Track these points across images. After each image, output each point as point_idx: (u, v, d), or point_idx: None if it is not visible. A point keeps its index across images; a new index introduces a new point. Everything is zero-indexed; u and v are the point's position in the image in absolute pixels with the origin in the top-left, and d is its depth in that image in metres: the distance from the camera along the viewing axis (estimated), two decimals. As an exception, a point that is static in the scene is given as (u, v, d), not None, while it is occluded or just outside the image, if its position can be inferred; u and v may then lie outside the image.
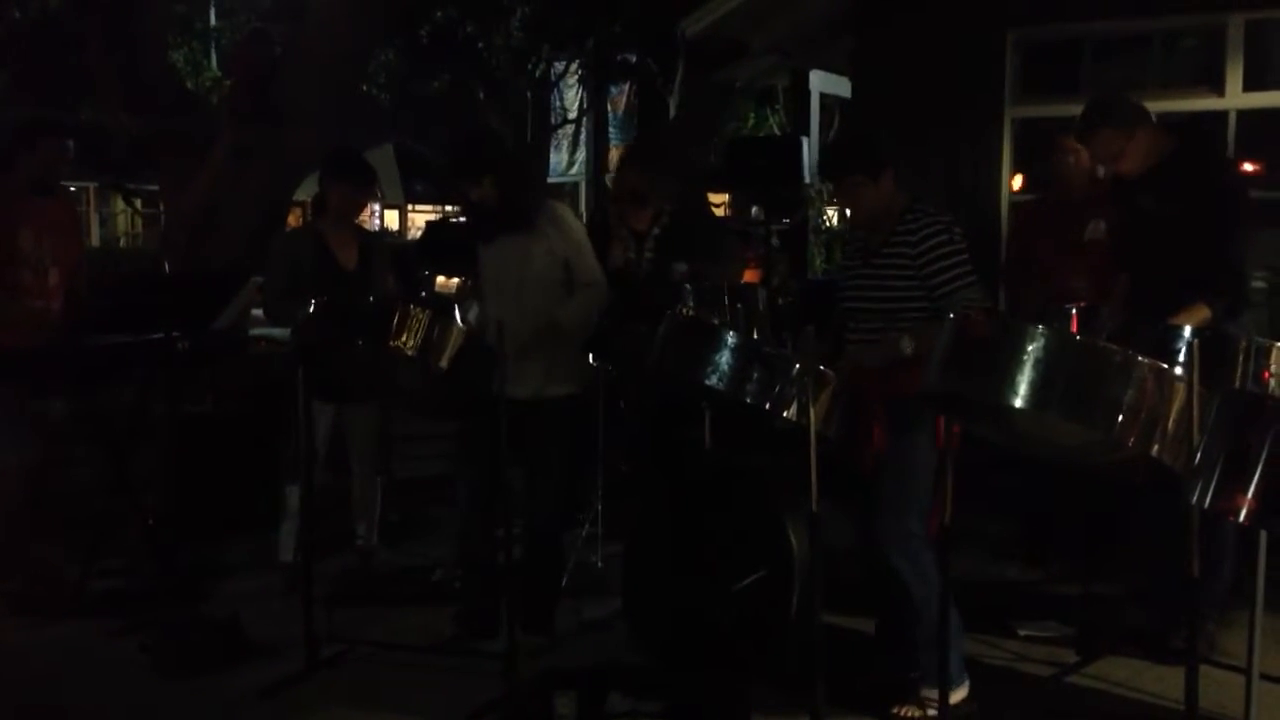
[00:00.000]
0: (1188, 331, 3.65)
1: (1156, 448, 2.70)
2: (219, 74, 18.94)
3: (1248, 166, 5.83)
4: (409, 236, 28.04)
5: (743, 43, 9.00)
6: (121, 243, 26.48)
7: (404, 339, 3.82)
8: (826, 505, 3.40)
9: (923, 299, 3.66)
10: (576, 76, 23.39)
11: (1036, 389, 2.74)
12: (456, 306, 4.93)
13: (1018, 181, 6.75)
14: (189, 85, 17.33)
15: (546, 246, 4.34)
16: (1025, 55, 6.75)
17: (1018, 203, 6.61)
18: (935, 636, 3.50)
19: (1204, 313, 3.94)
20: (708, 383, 3.61)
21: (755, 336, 4.55)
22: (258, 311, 5.58)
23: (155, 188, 13.25)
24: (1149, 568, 4.47)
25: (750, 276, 8.12)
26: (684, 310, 4.27)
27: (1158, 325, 3.77)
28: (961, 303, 3.50)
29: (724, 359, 3.59)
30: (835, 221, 14.81)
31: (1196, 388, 2.67)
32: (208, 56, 19.51)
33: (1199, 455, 2.53)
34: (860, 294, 3.83)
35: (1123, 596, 4.60)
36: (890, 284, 3.73)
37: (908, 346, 3.59)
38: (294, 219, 11.05)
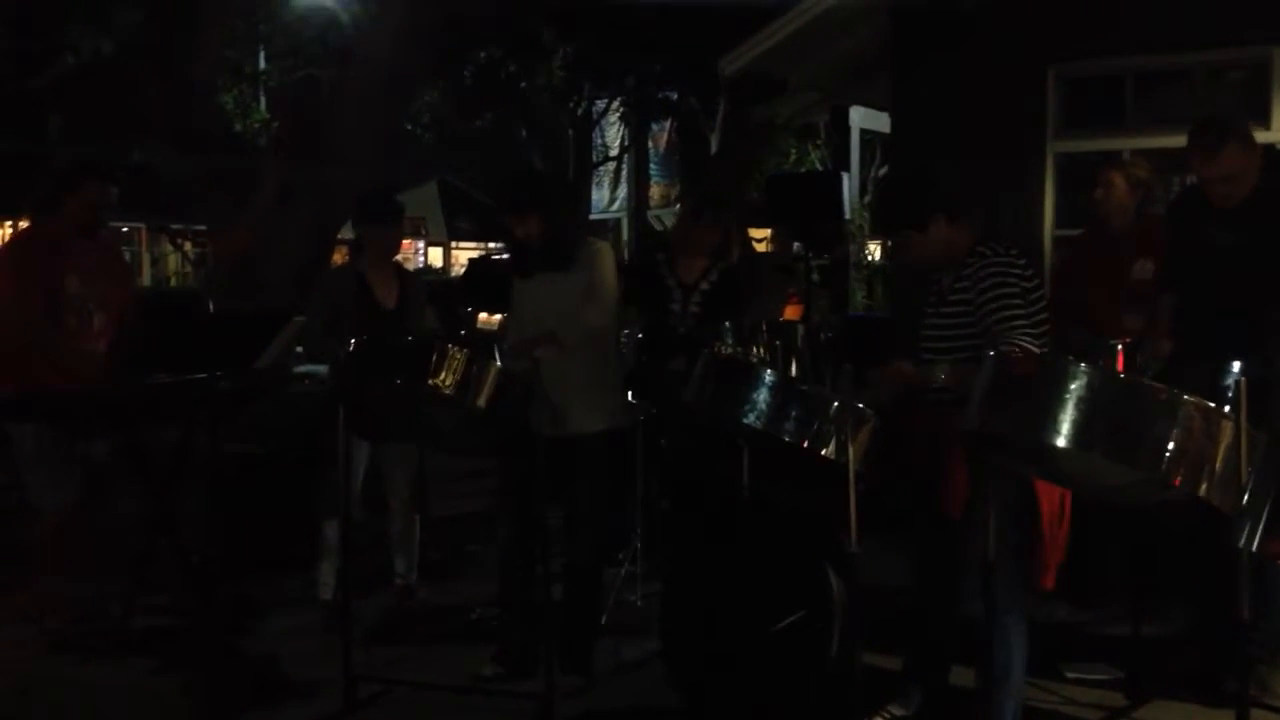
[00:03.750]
0: (1236, 368, 3.57)
1: (1204, 488, 2.63)
2: (267, 116, 19.23)
3: None
4: (452, 273, 28.19)
5: (781, 80, 9.03)
6: (172, 282, 26.86)
7: (442, 377, 3.82)
8: (875, 542, 3.35)
9: (984, 344, 3.50)
10: (618, 114, 23.55)
11: (1080, 428, 2.69)
12: (496, 346, 4.94)
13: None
14: (238, 127, 17.61)
15: (582, 282, 4.36)
16: (1067, 89, 6.69)
17: (1061, 239, 6.53)
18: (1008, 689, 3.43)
19: None
20: (745, 421, 3.58)
21: (794, 374, 4.52)
22: (300, 349, 5.62)
23: (204, 227, 13.47)
24: (1199, 609, 4.37)
25: (792, 312, 8.10)
26: (722, 348, 4.25)
27: (1207, 361, 3.69)
28: (1011, 340, 3.43)
29: (761, 397, 3.56)
30: (877, 256, 14.77)
31: (1245, 427, 2.61)
32: (257, 99, 19.81)
33: (1246, 496, 2.46)
34: (931, 342, 3.76)
35: (1173, 638, 4.50)
36: (956, 331, 3.67)
37: (940, 373, 3.53)
38: (340, 257, 11.17)
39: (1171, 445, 2.62)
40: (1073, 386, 2.70)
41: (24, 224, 4.91)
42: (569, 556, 4.45)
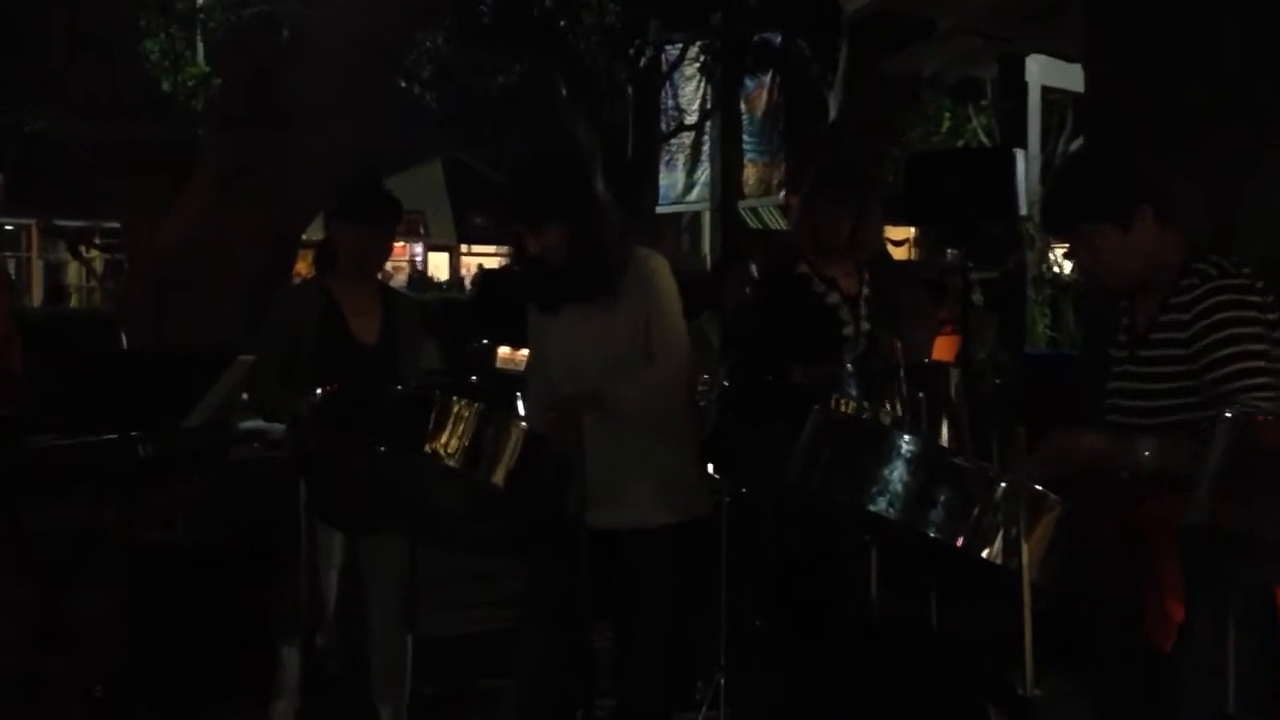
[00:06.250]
0: None
1: None
2: (205, 70, 19.60)
3: None
4: (464, 289, 28.45)
5: (929, 20, 9.06)
6: (73, 302, 27.30)
7: (443, 441, 3.85)
8: (1055, 677, 3.34)
9: (1202, 405, 3.50)
10: (697, 66, 23.66)
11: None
12: (521, 395, 4.98)
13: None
14: (166, 85, 17.95)
15: (630, 316, 4.32)
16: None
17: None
18: None
19: None
20: (873, 507, 3.57)
21: (944, 440, 4.52)
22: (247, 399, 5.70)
23: (116, 224, 13.73)
24: None
25: (943, 348, 8.08)
26: (839, 404, 4.25)
27: None
28: (1246, 405, 3.40)
29: (896, 474, 3.55)
30: (1067, 269, 14.68)
31: None
32: (191, 47, 20.22)
33: None
34: (1123, 398, 3.75)
35: None
36: (1157, 383, 3.66)
37: (1145, 451, 3.51)
38: (304, 267, 11.34)
39: None
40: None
41: None
42: (622, 696, 4.47)
